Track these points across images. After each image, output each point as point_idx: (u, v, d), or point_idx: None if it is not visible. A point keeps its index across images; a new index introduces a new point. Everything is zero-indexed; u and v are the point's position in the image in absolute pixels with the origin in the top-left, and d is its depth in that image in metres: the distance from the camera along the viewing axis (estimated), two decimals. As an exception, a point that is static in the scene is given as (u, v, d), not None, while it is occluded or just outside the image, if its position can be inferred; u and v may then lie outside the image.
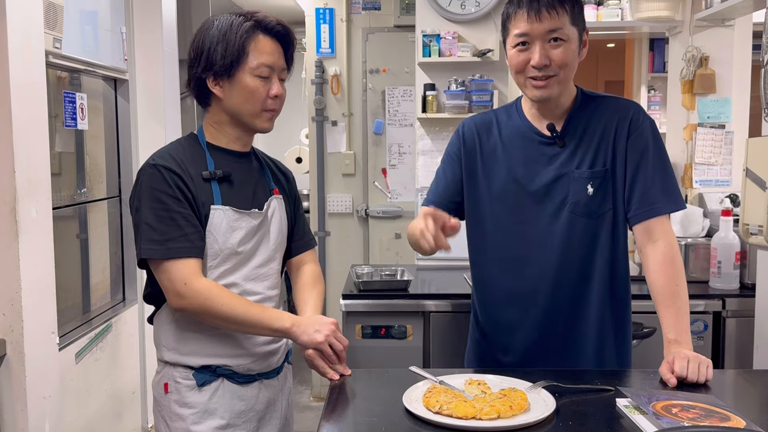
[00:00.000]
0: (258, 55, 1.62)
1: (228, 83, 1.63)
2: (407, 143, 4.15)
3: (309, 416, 4.12)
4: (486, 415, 1.36)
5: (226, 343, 1.65)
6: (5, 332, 2.12)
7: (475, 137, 1.87)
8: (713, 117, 3.22)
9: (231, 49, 1.61)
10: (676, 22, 3.26)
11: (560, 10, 1.67)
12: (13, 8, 2.09)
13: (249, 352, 1.68)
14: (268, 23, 1.65)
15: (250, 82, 1.62)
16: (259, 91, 1.63)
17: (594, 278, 1.79)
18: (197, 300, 1.56)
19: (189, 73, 1.68)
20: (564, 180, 1.76)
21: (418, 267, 3.22)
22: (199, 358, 1.64)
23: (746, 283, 2.67)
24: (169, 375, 1.65)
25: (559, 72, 1.70)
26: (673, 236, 1.74)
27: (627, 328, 1.86)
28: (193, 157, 1.65)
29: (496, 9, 3.15)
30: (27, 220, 2.14)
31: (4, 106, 2.08)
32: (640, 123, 1.77)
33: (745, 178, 2.33)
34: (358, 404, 1.55)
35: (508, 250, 1.83)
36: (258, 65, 1.62)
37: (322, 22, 4.19)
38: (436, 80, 3.23)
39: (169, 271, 1.57)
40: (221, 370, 1.65)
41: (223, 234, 1.62)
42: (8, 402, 2.14)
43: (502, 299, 1.86)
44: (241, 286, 1.66)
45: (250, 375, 1.69)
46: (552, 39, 1.68)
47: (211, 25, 1.64)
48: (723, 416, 1.36)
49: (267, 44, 1.64)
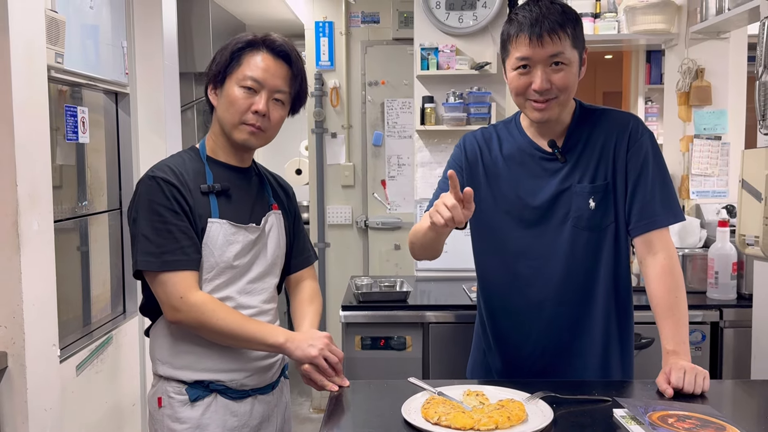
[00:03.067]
0: (249, 68, 1.64)
1: (220, 91, 1.67)
2: (406, 155, 4.17)
3: (309, 428, 4.12)
4: (484, 426, 1.37)
5: (220, 357, 1.64)
6: (7, 345, 2.13)
7: (477, 151, 1.87)
8: (709, 128, 3.24)
9: (224, 57, 1.65)
10: (672, 35, 3.29)
11: (562, 34, 1.66)
12: (15, 23, 2.11)
13: (243, 367, 1.67)
14: (272, 41, 1.68)
15: (234, 91, 1.64)
16: (239, 101, 1.64)
17: (598, 290, 1.80)
18: (193, 314, 1.56)
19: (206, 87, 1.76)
20: (566, 195, 1.78)
21: (417, 278, 3.24)
22: (192, 372, 1.64)
23: (743, 293, 2.68)
24: (163, 389, 1.65)
25: (560, 95, 1.70)
26: (673, 248, 1.76)
27: (630, 339, 1.88)
28: (193, 170, 1.66)
29: (493, 23, 3.18)
30: (29, 233, 2.16)
31: (6, 120, 2.10)
32: (639, 136, 1.78)
33: (741, 190, 2.35)
34: (357, 415, 1.56)
35: (512, 264, 1.84)
36: (245, 77, 1.64)
37: (322, 36, 4.22)
38: (435, 93, 3.25)
39: (165, 283, 1.57)
40: (214, 385, 1.64)
41: (220, 248, 1.63)
42: (9, 414, 2.15)
43: (508, 312, 1.87)
44: (236, 299, 1.66)
45: (244, 390, 1.68)
46: (553, 63, 1.68)
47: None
48: (719, 426, 1.37)
49: (265, 61, 1.66)
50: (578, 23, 1.72)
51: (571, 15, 1.71)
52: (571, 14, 1.71)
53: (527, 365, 1.85)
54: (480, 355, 1.98)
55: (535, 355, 1.84)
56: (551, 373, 1.82)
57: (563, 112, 1.77)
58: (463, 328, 2.47)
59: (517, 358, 1.86)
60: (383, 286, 2.86)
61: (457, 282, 2.98)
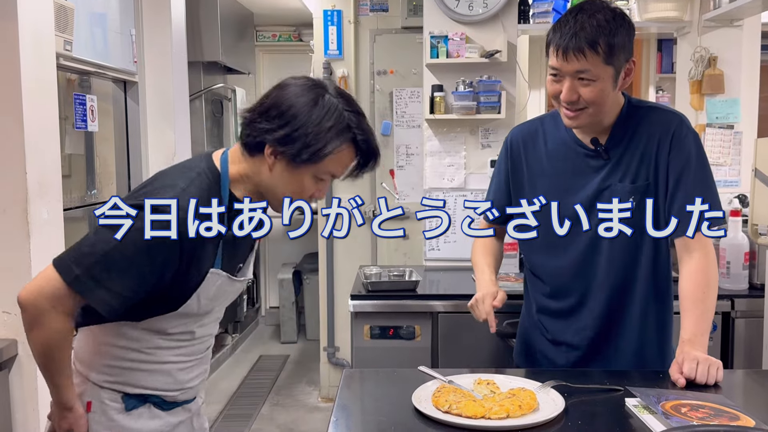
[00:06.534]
0: (335, 165, 1.44)
1: (286, 163, 1.41)
2: (415, 144, 4.15)
3: (317, 417, 4.13)
4: (495, 414, 1.37)
5: (162, 377, 1.54)
6: (17, 332, 2.14)
7: (521, 148, 1.91)
8: (722, 117, 3.21)
9: (315, 146, 1.39)
10: (685, 23, 3.25)
11: (589, 52, 1.63)
12: (24, 11, 2.11)
13: (183, 386, 1.58)
14: (370, 143, 1.46)
15: (307, 182, 1.44)
16: (308, 191, 1.46)
17: (636, 289, 1.81)
18: (41, 326, 1.37)
19: (253, 117, 1.43)
20: (607, 193, 1.77)
21: (426, 268, 3.23)
22: (128, 387, 1.51)
23: (755, 283, 2.66)
24: (95, 395, 1.51)
25: (589, 107, 1.69)
26: (710, 249, 1.74)
27: (668, 331, 1.88)
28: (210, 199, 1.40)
29: (503, 10, 3.15)
30: (38, 221, 2.16)
31: (15, 108, 2.10)
32: (682, 137, 1.76)
33: (754, 179, 2.33)
34: (367, 404, 1.56)
35: (554, 259, 1.86)
36: (327, 172, 1.44)
37: (330, 24, 4.20)
38: (444, 81, 3.23)
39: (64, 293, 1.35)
40: (152, 398, 1.54)
41: (207, 298, 1.48)
42: (20, 402, 2.16)
43: (551, 303, 1.90)
44: (195, 333, 1.55)
45: (176, 402, 1.60)
46: (579, 78, 1.67)
47: (314, 99, 1.40)
48: (732, 416, 1.36)
49: (349, 157, 1.46)
50: (617, 35, 1.66)
51: (610, 29, 1.64)
52: (611, 28, 1.65)
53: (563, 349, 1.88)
54: (524, 332, 2.01)
55: (574, 341, 1.86)
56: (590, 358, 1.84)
57: (597, 120, 1.75)
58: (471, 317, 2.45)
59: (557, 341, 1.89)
60: (392, 276, 2.86)
61: (467, 272, 2.96)
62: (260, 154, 1.43)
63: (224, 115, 4.70)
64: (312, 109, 1.39)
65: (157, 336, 1.50)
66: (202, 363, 1.63)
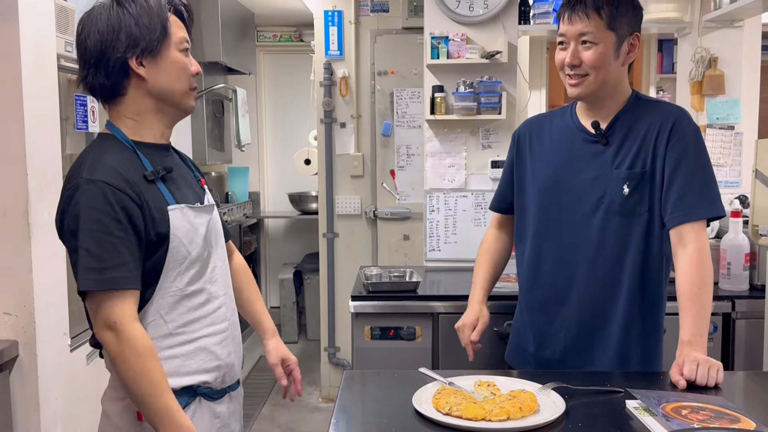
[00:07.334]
0: (176, 29, 1.52)
1: (154, 61, 1.48)
2: (415, 145, 4.16)
3: (318, 417, 4.13)
4: (495, 416, 1.37)
5: (203, 356, 1.53)
6: (18, 333, 2.14)
7: (527, 137, 1.98)
8: (722, 118, 3.21)
9: (155, 22, 1.47)
10: (685, 24, 3.25)
11: (592, 14, 1.74)
12: (25, 12, 2.11)
13: (223, 361, 1.57)
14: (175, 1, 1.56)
15: (179, 56, 1.51)
16: (187, 66, 1.53)
17: (624, 279, 1.80)
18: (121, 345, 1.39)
19: (93, 64, 1.47)
20: (602, 179, 1.80)
21: (426, 268, 3.23)
22: (178, 378, 1.48)
23: (756, 284, 2.66)
24: None
25: (591, 72, 1.77)
26: (705, 242, 1.74)
27: (657, 330, 1.86)
28: (128, 159, 1.47)
29: (504, 10, 3.15)
30: (39, 222, 2.16)
31: (16, 109, 2.10)
32: (682, 128, 1.78)
33: (755, 180, 2.33)
34: (367, 405, 1.56)
35: (546, 243, 1.89)
36: (180, 39, 1.52)
37: (331, 25, 4.20)
38: (445, 82, 3.23)
39: (101, 302, 1.39)
40: (201, 389, 1.53)
41: (186, 235, 1.49)
42: (21, 402, 2.16)
43: (540, 294, 1.91)
44: (208, 290, 1.55)
45: (223, 389, 1.59)
46: (582, 41, 1.76)
47: (116, 5, 1.48)
48: (733, 418, 1.36)
49: (176, 19, 1.54)
50: (621, 5, 1.77)
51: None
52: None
53: (550, 344, 1.89)
54: (515, 333, 2.04)
55: (559, 334, 1.86)
56: (571, 356, 1.85)
57: (600, 92, 1.80)
58: (472, 318, 2.46)
59: (544, 336, 1.90)
60: (393, 276, 2.86)
61: (467, 272, 2.96)
62: (130, 83, 1.48)
63: (225, 115, 4.70)
64: (117, 9, 1.47)
65: (182, 306, 1.50)
66: (232, 339, 1.61)
